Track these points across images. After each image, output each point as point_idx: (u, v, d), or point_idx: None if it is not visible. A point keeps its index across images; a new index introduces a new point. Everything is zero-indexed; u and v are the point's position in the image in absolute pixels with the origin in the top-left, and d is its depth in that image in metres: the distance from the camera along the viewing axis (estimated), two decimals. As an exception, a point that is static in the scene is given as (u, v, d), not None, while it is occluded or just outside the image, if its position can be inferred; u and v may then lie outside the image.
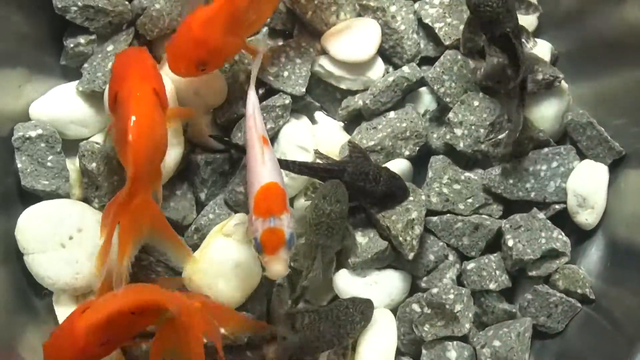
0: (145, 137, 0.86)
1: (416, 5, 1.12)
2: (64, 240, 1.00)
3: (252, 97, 0.98)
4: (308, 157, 1.05)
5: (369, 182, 1.01)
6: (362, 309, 1.01)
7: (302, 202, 1.07)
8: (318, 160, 1.04)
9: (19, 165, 1.03)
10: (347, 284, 1.05)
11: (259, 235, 0.86)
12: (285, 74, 1.08)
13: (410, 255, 1.03)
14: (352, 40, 1.08)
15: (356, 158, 1.05)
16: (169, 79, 1.04)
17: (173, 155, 1.03)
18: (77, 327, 0.83)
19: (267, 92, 1.09)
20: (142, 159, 0.86)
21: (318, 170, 1.02)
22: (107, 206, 0.91)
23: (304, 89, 1.08)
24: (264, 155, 0.91)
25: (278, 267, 0.86)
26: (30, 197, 1.04)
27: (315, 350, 0.99)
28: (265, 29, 1.12)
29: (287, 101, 1.07)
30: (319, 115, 1.13)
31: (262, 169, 0.91)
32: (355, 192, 1.02)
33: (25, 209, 1.01)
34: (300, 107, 1.11)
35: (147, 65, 0.95)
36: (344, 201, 0.98)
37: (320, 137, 1.09)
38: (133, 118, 0.86)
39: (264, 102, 1.06)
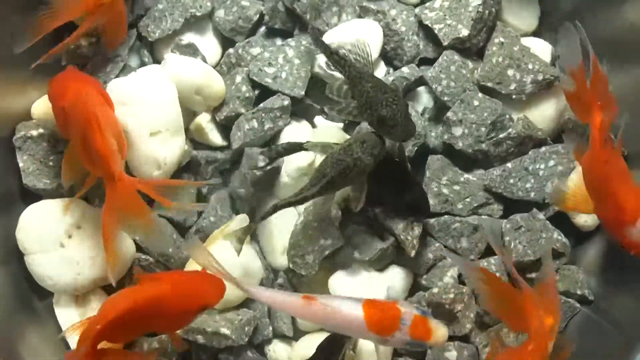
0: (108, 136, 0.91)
1: (417, 9, 1.12)
2: (64, 240, 1.01)
3: (257, 292, 0.92)
4: (309, 157, 1.05)
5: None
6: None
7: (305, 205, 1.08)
8: None
9: (21, 165, 1.03)
10: (346, 282, 1.06)
11: (410, 338, 0.87)
12: (283, 75, 1.08)
13: (412, 253, 1.03)
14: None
15: None
16: (170, 79, 1.05)
17: (174, 152, 1.04)
18: None
19: (263, 92, 1.09)
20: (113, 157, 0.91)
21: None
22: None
23: (302, 92, 1.08)
24: (325, 301, 0.89)
25: (444, 331, 0.89)
26: (32, 197, 1.04)
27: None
28: None
29: (285, 102, 1.07)
30: (318, 120, 1.12)
31: (347, 308, 0.89)
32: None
33: (26, 208, 1.02)
34: (300, 110, 1.11)
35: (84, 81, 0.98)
36: (376, 158, 0.95)
37: (319, 137, 1.08)
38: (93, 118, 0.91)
39: (262, 104, 1.07)
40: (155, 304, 0.87)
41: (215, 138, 1.10)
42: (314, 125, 1.12)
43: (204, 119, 1.09)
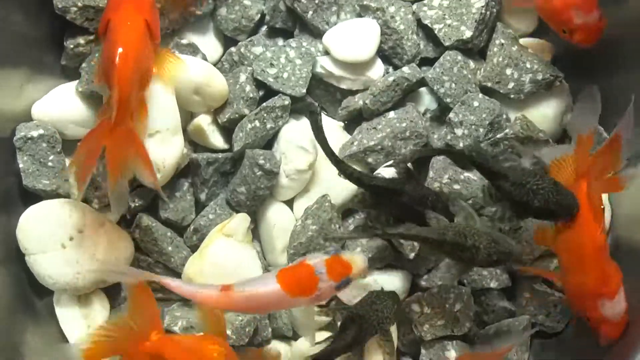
0: (132, 62, 0.88)
1: (414, 6, 1.12)
2: (65, 241, 1.01)
3: (178, 286, 0.88)
4: (308, 158, 1.06)
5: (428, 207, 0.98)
6: (390, 295, 1.00)
7: (301, 203, 1.08)
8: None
9: (21, 165, 1.03)
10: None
11: (334, 282, 0.85)
12: (285, 75, 1.07)
13: (411, 255, 1.03)
14: (353, 40, 1.08)
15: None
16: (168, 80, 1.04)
17: (174, 153, 1.03)
18: None
19: (267, 93, 1.09)
20: (128, 83, 0.87)
21: (374, 187, 1.00)
22: (90, 132, 0.92)
23: (304, 90, 1.08)
24: (241, 287, 0.86)
25: (360, 257, 0.87)
26: (32, 197, 1.04)
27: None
28: None
29: (286, 102, 1.06)
30: None
31: (262, 286, 0.86)
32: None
33: (27, 209, 1.02)
34: (300, 107, 1.10)
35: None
36: (490, 263, 0.95)
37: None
38: (121, 45, 0.88)
39: (264, 103, 1.06)
40: None
41: (217, 141, 1.10)
42: (313, 122, 1.11)
43: (204, 121, 1.08)
